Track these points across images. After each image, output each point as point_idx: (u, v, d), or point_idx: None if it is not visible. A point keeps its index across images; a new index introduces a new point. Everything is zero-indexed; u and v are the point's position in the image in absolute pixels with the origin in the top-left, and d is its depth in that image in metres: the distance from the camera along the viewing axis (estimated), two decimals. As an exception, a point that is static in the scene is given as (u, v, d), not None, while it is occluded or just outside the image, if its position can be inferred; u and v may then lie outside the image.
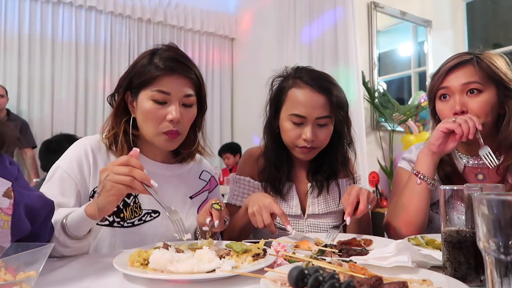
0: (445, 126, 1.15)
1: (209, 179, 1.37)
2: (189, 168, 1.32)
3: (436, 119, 1.30)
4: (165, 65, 1.10)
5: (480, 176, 1.26)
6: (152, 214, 1.17)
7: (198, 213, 1.25)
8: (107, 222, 1.11)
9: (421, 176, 1.19)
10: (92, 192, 1.12)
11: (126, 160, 0.91)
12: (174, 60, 1.12)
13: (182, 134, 1.16)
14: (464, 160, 1.29)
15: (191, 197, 1.28)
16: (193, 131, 1.27)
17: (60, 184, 1.09)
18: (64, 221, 0.96)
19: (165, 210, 0.95)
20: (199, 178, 1.34)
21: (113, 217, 1.11)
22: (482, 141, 1.15)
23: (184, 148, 1.27)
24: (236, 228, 1.27)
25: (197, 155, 1.36)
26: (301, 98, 1.25)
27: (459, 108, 1.18)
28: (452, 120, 1.15)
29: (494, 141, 1.23)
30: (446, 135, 1.16)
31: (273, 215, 1.11)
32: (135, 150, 0.96)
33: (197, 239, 1.15)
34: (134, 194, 1.15)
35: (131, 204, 1.14)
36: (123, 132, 1.16)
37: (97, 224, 1.09)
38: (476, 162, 1.27)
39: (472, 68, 1.19)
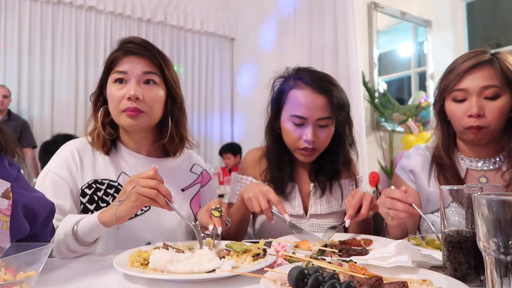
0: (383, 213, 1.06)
1: (201, 172, 1.37)
2: (179, 162, 1.32)
3: (442, 119, 1.27)
4: (122, 47, 1.16)
5: (483, 179, 1.23)
6: (143, 208, 1.17)
7: (190, 204, 1.27)
8: None
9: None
10: (81, 190, 1.14)
11: (153, 174, 0.96)
12: (131, 42, 1.16)
13: (146, 113, 1.14)
14: (467, 163, 1.26)
15: (183, 190, 1.29)
16: (172, 122, 1.23)
17: (53, 187, 1.11)
18: (75, 227, 0.97)
19: (190, 224, 1.02)
20: (190, 171, 1.35)
21: None
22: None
23: (163, 138, 1.23)
24: (232, 222, 1.27)
25: (188, 151, 1.36)
26: (302, 99, 1.25)
27: (476, 111, 1.12)
28: (386, 211, 1.03)
29: (498, 144, 1.22)
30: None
31: (269, 204, 1.11)
32: (155, 166, 0.99)
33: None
34: None
35: None
36: (102, 124, 1.19)
37: None
38: (479, 164, 1.24)
39: (492, 70, 1.13)
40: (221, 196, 3.40)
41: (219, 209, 1.07)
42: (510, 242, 0.48)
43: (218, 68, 5.73)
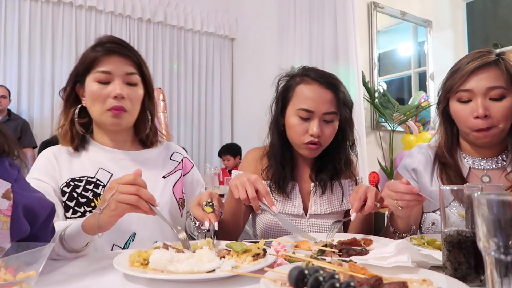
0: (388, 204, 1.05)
1: (182, 160, 1.38)
2: (158, 152, 1.34)
3: (446, 118, 1.27)
4: (104, 47, 1.17)
5: (486, 179, 1.23)
6: None
7: (172, 191, 1.27)
8: (79, 214, 1.13)
9: (398, 234, 1.17)
10: (60, 190, 1.15)
11: (132, 179, 0.92)
12: (112, 42, 1.19)
13: (129, 112, 1.19)
14: (469, 162, 1.26)
15: (164, 177, 1.29)
16: (146, 115, 1.28)
17: None
18: (63, 234, 0.96)
19: (173, 229, 0.98)
20: (170, 159, 1.36)
21: (84, 207, 1.14)
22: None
23: (139, 133, 1.29)
24: (225, 215, 1.25)
25: (166, 141, 1.39)
26: (309, 93, 1.27)
27: (482, 112, 1.12)
28: (393, 203, 1.02)
29: (501, 144, 1.22)
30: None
31: (257, 194, 1.08)
32: (138, 170, 0.97)
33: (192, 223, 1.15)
34: (103, 184, 1.18)
35: (101, 193, 1.16)
36: (70, 121, 1.22)
37: (69, 218, 1.13)
38: (481, 163, 1.24)
39: (498, 71, 1.13)
40: (221, 196, 3.39)
41: (210, 203, 1.07)
42: (510, 242, 0.48)
43: (218, 68, 5.73)
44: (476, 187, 0.81)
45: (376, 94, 4.23)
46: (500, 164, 1.22)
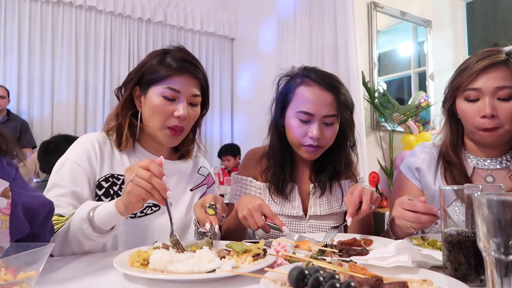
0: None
1: (207, 174, 1.41)
2: (189, 164, 1.36)
3: (452, 117, 1.27)
4: (178, 64, 1.16)
5: (490, 179, 1.22)
6: (153, 208, 1.20)
7: None
8: None
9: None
10: (97, 182, 1.15)
11: (146, 164, 0.92)
12: (185, 61, 1.18)
13: (185, 131, 1.21)
14: (473, 162, 1.25)
15: (191, 190, 1.32)
16: (193, 130, 1.31)
17: (71, 174, 1.12)
18: (92, 214, 0.96)
19: (171, 227, 0.97)
20: (198, 173, 1.38)
21: None
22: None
23: (183, 146, 1.32)
24: (230, 229, 1.28)
25: (194, 153, 1.42)
26: (310, 95, 1.26)
27: (489, 112, 1.12)
28: (407, 224, 0.99)
29: (506, 145, 1.22)
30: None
31: (264, 217, 1.09)
32: (160, 158, 0.97)
33: (197, 229, 1.15)
34: None
35: None
36: (128, 125, 1.20)
37: None
38: (485, 163, 1.24)
39: (507, 71, 1.13)
40: (221, 196, 3.38)
41: (213, 206, 1.07)
42: (510, 242, 0.48)
43: (218, 68, 5.73)
44: (476, 187, 0.81)
45: (376, 94, 4.23)
46: (504, 164, 1.22)
